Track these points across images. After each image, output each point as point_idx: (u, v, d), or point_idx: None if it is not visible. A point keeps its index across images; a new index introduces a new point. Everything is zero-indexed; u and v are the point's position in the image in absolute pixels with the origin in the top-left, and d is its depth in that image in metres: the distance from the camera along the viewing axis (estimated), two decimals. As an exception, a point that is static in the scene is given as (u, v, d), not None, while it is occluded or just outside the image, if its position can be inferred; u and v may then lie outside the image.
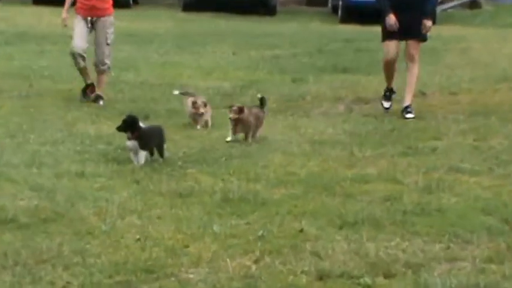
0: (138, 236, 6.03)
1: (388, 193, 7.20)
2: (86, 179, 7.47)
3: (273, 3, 25.11)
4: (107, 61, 11.30)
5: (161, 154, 8.26)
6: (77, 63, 11.20)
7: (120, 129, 8.20)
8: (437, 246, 5.95)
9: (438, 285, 5.21)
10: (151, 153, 8.29)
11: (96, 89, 11.33)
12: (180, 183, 7.40)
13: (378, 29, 18.72)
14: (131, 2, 24.32)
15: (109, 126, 9.77)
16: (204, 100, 9.84)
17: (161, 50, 16.05)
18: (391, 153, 8.67)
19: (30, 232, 6.04)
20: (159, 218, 6.49)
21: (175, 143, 8.92)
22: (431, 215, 6.64)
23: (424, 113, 10.88)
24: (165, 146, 8.28)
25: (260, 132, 9.24)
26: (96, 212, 6.53)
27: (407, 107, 10.69)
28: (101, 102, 11.16)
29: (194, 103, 9.71)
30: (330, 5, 23.92)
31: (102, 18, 11.17)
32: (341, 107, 11.46)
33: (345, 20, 21.73)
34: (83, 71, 11.33)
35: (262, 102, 9.46)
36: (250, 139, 9.09)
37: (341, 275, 5.38)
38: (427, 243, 6.00)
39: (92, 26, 11.16)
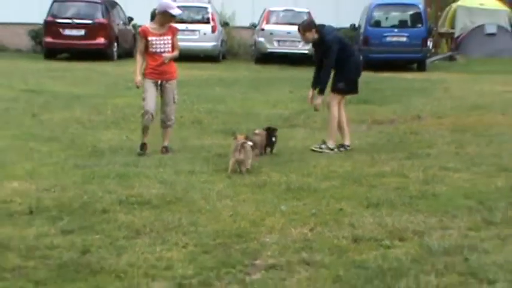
0: (231, 213, 6.05)
1: (398, 184, 7.13)
2: (195, 175, 7.49)
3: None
4: (173, 117, 9.08)
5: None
6: (146, 121, 8.74)
7: None
8: (434, 220, 5.88)
9: (435, 246, 5.14)
10: None
11: (164, 141, 8.95)
12: (257, 178, 7.41)
13: (385, 75, 18.51)
14: (221, 58, 24.40)
15: (209, 140, 9.87)
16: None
17: (241, 90, 16.08)
18: (399, 157, 8.57)
19: (159, 210, 6.10)
20: (244, 201, 6.49)
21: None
22: (428, 199, 6.57)
23: (420, 130, 10.74)
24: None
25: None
26: (202, 197, 6.55)
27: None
28: (169, 154, 8.78)
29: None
30: (354, 58, 23.74)
31: (170, 81, 8.80)
32: (364, 127, 11.38)
33: (364, 68, 21.47)
34: (146, 129, 8.81)
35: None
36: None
37: (369, 239, 5.36)
38: (426, 218, 5.93)
39: (160, 88, 8.83)
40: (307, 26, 8.97)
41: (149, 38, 8.59)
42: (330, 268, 4.76)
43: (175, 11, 8.56)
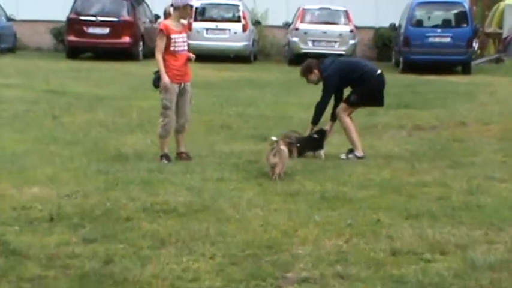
0: (261, 223, 6.04)
1: (440, 194, 7.09)
2: (224, 182, 7.50)
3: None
4: (190, 118, 8.86)
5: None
6: (170, 130, 8.64)
7: None
8: (478, 233, 5.84)
9: (480, 261, 5.11)
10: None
11: (182, 146, 8.90)
12: (290, 186, 7.39)
13: (427, 78, 18.37)
14: (252, 58, 24.46)
15: (239, 146, 9.86)
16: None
17: (273, 92, 16.09)
18: (441, 166, 8.52)
19: (186, 219, 6.11)
20: (275, 210, 6.48)
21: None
22: (473, 210, 6.53)
23: (465, 137, 10.67)
24: None
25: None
26: (231, 206, 6.55)
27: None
28: (191, 160, 8.75)
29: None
30: (393, 60, 23.67)
31: (188, 83, 8.63)
32: (403, 133, 11.32)
33: (404, 71, 21.46)
34: (167, 141, 8.71)
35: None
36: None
37: (408, 252, 5.33)
38: (470, 230, 5.89)
39: (179, 91, 8.56)
40: (307, 70, 9.26)
41: (172, 36, 8.43)
42: (366, 282, 4.75)
43: (194, 2, 8.60)
